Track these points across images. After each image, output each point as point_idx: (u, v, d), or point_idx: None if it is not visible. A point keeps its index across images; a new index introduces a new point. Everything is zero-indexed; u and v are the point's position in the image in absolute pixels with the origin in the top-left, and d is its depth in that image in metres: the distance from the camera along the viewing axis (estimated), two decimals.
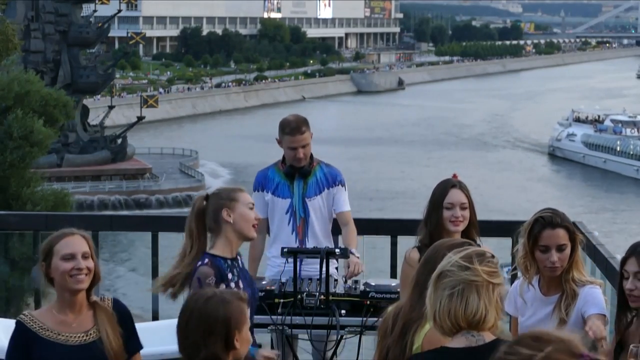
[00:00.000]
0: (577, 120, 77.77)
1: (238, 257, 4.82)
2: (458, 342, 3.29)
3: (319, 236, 6.10)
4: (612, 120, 74.64)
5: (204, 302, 3.53)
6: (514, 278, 5.96)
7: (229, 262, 4.74)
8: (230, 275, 4.73)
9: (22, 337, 4.11)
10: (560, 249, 4.32)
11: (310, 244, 6.02)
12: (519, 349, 2.43)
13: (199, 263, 4.69)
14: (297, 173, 6.08)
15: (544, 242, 4.32)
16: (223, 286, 4.63)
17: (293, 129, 6.00)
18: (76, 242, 4.11)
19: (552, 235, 4.31)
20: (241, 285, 4.76)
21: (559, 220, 4.34)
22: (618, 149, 69.05)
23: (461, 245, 3.87)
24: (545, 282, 4.44)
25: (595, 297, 4.37)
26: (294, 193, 6.09)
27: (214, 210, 4.74)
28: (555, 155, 75.20)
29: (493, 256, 3.36)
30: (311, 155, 6.13)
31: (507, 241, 6.15)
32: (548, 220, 4.33)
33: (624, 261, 4.11)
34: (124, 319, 4.22)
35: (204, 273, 4.66)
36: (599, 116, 77.33)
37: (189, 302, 3.61)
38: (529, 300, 4.49)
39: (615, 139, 70.62)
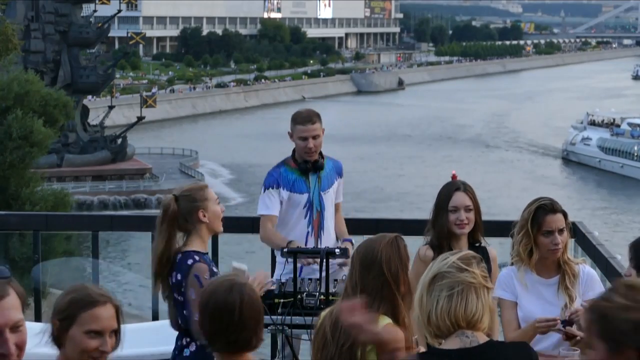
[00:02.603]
0: (592, 123, 75.07)
1: None
2: (452, 343, 3.30)
3: (330, 228, 6.21)
4: (630, 124, 71.63)
5: (249, 292, 3.52)
6: None
7: (208, 256, 4.86)
8: (215, 269, 4.85)
9: None
10: (561, 231, 4.70)
11: (324, 237, 6.13)
12: (614, 298, 2.58)
13: (190, 261, 4.74)
14: (312, 168, 6.15)
15: (548, 226, 4.68)
16: None
17: (304, 118, 6.09)
18: (106, 315, 3.29)
19: (554, 219, 4.69)
20: None
21: (558, 206, 4.74)
22: (636, 153, 66.57)
23: (395, 241, 3.90)
24: (542, 266, 4.76)
25: (595, 279, 4.83)
26: (310, 187, 6.16)
27: (189, 212, 4.80)
28: (570, 160, 72.95)
29: (482, 259, 3.43)
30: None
31: (507, 241, 6.15)
32: (550, 207, 4.71)
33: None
34: None
35: (201, 269, 4.72)
36: (614, 119, 74.62)
37: (232, 298, 3.48)
38: (527, 284, 4.76)
39: (633, 143, 67.82)
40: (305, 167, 6.14)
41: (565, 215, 4.73)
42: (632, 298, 2.51)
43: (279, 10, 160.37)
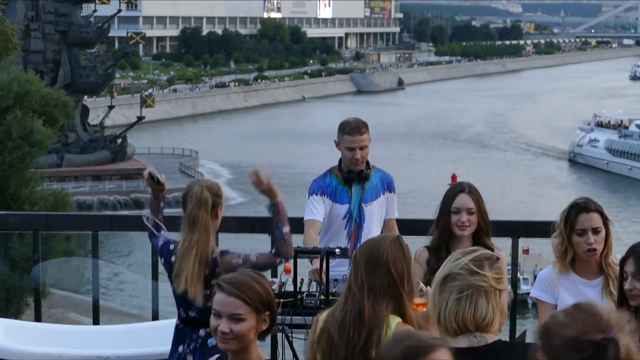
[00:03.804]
0: (600, 125, 74.40)
1: None
2: (460, 342, 3.30)
3: None
4: (638, 125, 70.95)
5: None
6: (514, 279, 5.96)
7: None
8: None
9: None
10: (595, 231, 4.57)
11: None
12: (558, 315, 2.56)
13: (239, 261, 4.76)
14: (356, 178, 6.07)
15: (580, 225, 4.56)
16: None
17: (352, 128, 5.99)
18: None
19: (587, 218, 4.56)
20: None
21: (592, 205, 4.61)
22: None
23: (398, 240, 3.89)
24: (584, 267, 4.66)
25: None
26: (352, 198, 6.08)
27: (213, 206, 4.78)
28: (577, 162, 72.21)
29: (498, 259, 3.40)
30: (367, 160, 6.13)
31: (507, 241, 6.15)
32: (583, 205, 4.60)
33: (623, 262, 4.18)
34: None
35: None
36: (621, 121, 73.82)
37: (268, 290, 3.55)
38: (569, 286, 4.66)
39: None
40: (350, 177, 6.06)
41: (602, 214, 4.60)
42: (571, 316, 2.56)
43: (279, 10, 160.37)
